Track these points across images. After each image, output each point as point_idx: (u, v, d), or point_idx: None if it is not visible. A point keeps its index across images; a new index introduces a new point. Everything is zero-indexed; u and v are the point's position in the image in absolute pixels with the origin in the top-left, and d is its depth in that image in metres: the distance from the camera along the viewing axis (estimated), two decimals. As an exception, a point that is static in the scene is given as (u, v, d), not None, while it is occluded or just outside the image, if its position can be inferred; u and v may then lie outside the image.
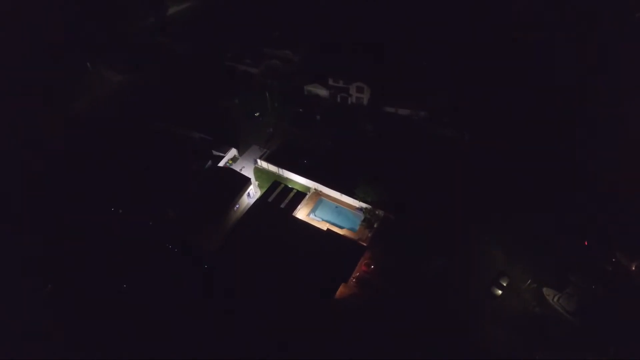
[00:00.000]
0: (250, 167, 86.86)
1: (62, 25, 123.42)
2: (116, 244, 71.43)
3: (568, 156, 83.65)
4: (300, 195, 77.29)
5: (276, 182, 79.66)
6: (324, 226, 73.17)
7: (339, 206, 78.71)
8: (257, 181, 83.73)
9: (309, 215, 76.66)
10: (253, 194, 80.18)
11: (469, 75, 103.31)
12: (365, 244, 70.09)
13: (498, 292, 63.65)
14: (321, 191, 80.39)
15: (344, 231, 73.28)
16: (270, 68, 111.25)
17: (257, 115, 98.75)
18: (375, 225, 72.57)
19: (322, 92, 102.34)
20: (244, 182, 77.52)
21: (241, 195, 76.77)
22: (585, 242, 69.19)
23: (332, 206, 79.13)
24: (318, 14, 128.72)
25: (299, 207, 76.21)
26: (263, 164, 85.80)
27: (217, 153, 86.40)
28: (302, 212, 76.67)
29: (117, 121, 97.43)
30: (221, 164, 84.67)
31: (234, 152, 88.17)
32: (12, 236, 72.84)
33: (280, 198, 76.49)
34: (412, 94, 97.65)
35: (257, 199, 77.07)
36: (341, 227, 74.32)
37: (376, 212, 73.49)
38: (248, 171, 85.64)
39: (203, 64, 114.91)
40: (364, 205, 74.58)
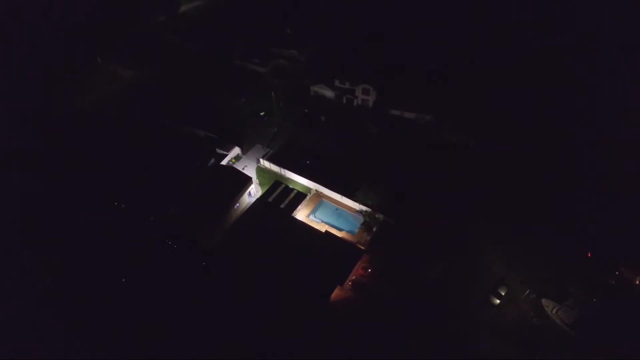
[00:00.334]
0: (253, 166, 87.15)
1: (73, 20, 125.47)
2: (117, 238, 72.26)
3: (572, 162, 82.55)
4: (300, 196, 77.23)
5: (277, 182, 79.76)
6: (323, 228, 73.04)
7: (339, 208, 78.44)
8: (258, 180, 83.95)
9: (308, 216, 76.57)
10: (254, 193, 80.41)
11: (474, 78, 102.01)
12: (363, 247, 69.70)
13: (496, 301, 62.68)
14: (322, 192, 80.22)
15: (342, 233, 72.97)
16: (277, 68, 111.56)
17: (263, 114, 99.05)
18: (375, 229, 72.13)
19: (328, 93, 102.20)
20: (245, 181, 77.81)
21: (242, 194, 77.09)
22: (589, 254, 67.71)
23: (332, 208, 78.90)
24: (326, 14, 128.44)
25: (299, 207, 76.17)
26: (265, 163, 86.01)
27: (220, 151, 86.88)
28: (302, 213, 76.63)
29: (125, 116, 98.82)
30: (224, 162, 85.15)
31: (237, 150, 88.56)
32: (14, 229, 74.36)
33: (281, 198, 76.55)
34: (419, 97, 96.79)
35: (257, 199, 77.23)
36: (340, 230, 74.04)
37: (376, 216, 73.04)
38: (251, 170, 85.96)
39: (211, 62, 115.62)
40: (364, 208, 74.27)
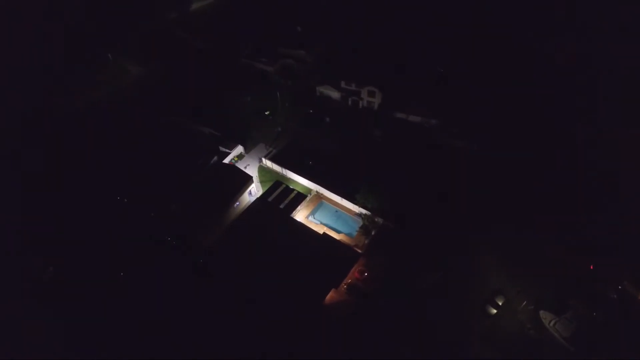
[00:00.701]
0: (255, 165, 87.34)
1: (85, 14, 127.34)
2: (118, 233, 73.01)
3: (575, 167, 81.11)
4: (300, 197, 77.09)
5: (278, 182, 79.77)
6: (322, 229, 72.79)
7: (339, 210, 78.13)
8: (260, 180, 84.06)
9: (307, 217, 76.44)
10: (255, 192, 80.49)
11: (479, 82, 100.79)
12: (360, 250, 69.29)
13: (492, 311, 61.72)
14: (322, 194, 79.97)
15: (341, 236, 72.63)
16: (284, 67, 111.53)
17: (267, 113, 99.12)
18: (373, 233, 71.63)
19: (334, 94, 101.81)
20: (245, 180, 77.96)
21: (242, 193, 77.28)
22: (591, 267, 66.19)
23: (332, 210, 78.62)
24: (335, 15, 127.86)
25: (299, 208, 76.06)
26: (267, 162, 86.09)
27: (223, 149, 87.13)
28: (302, 214, 76.50)
29: (132, 111, 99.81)
30: (226, 160, 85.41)
31: (240, 149, 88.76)
32: (15, 221, 75.75)
33: (281, 198, 76.53)
34: (425, 101, 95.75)
35: (257, 198, 77.31)
36: (339, 232, 73.74)
37: (375, 220, 72.54)
38: (253, 169, 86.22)
39: (220, 60, 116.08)
40: (363, 211, 73.79)
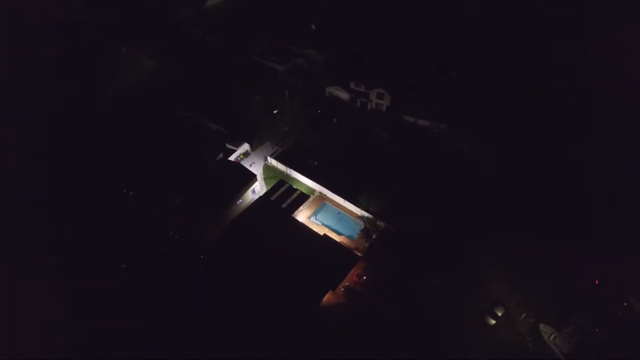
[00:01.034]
0: (260, 164, 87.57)
1: (102, 8, 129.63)
2: (122, 225, 74.08)
3: (584, 175, 79.38)
4: (303, 197, 76.98)
5: (281, 182, 79.76)
6: (322, 231, 72.59)
7: (341, 212, 77.77)
8: (264, 178, 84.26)
9: (309, 218, 76.28)
10: (258, 190, 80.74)
11: (490, 87, 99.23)
12: (360, 254, 68.86)
13: (491, 322, 60.64)
14: (325, 195, 79.73)
15: (342, 238, 72.32)
16: (295, 66, 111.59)
17: (276, 112, 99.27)
18: (374, 237, 71.09)
19: (343, 95, 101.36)
20: (249, 178, 78.31)
21: (245, 191, 77.61)
22: (596, 281, 64.49)
23: (334, 211, 78.30)
24: (348, 17, 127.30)
25: (301, 208, 76.00)
26: (273, 161, 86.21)
27: (230, 146, 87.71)
28: (303, 214, 76.40)
29: (142, 105, 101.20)
30: (232, 157, 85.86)
31: (246, 147, 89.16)
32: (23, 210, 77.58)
33: (283, 198, 76.50)
34: (435, 105, 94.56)
35: (260, 197, 77.49)
36: (340, 234, 73.43)
37: (377, 223, 72.03)
38: (258, 167, 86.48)
39: (231, 57, 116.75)
40: (365, 214, 73.30)
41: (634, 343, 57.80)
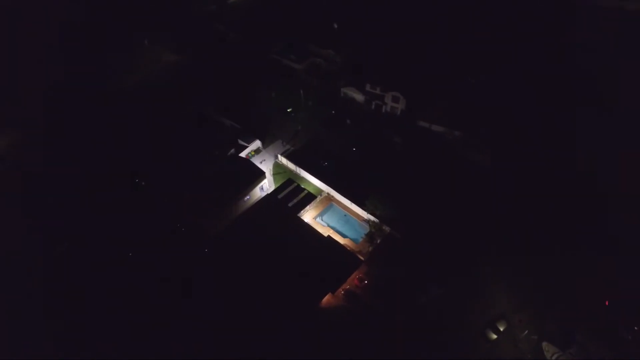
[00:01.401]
0: (271, 161, 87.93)
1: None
2: (131, 214, 75.65)
3: (595, 188, 76.98)
4: (310, 197, 76.88)
5: (290, 180, 79.89)
6: (327, 232, 72.34)
7: (347, 214, 77.33)
8: (273, 176, 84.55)
9: (315, 218, 76.16)
10: (266, 187, 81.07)
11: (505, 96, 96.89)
12: (363, 258, 68.28)
13: (493, 336, 59.15)
14: (333, 196, 79.42)
15: (346, 241, 71.93)
16: (312, 66, 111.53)
17: (290, 111, 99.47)
18: (378, 241, 70.42)
19: (358, 97, 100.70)
20: (258, 175, 78.67)
21: (253, 188, 78.03)
22: (607, 302, 62.07)
23: (341, 213, 77.92)
24: (369, 18, 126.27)
25: (307, 208, 75.94)
26: (283, 160, 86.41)
27: (242, 142, 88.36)
28: (309, 214, 76.31)
29: (161, 98, 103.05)
30: (243, 154, 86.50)
31: (258, 144, 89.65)
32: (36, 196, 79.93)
33: (290, 197, 76.62)
34: (451, 111, 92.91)
35: (267, 194, 77.81)
36: (344, 236, 73.05)
37: (382, 228, 71.33)
38: (268, 165, 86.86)
39: (250, 54, 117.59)
40: (371, 218, 72.73)
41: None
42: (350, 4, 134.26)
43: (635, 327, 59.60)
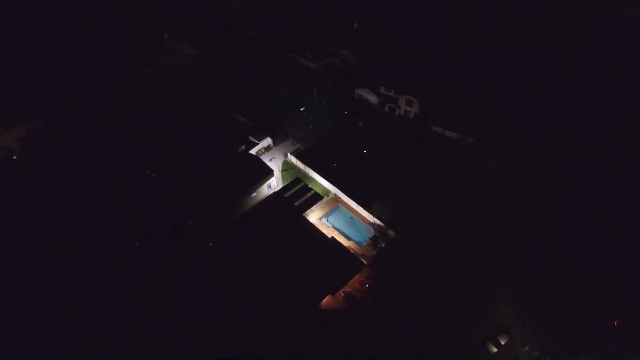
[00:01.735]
0: (280, 159, 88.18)
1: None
2: (139, 206, 77.02)
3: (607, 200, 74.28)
4: (317, 197, 76.75)
5: (297, 179, 79.97)
6: (331, 233, 72.10)
7: (353, 217, 76.90)
8: (282, 175, 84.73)
9: (320, 219, 76.00)
10: (274, 185, 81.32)
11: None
12: (365, 261, 67.77)
13: (493, 350, 57.82)
14: (340, 198, 79.09)
15: (350, 243, 71.51)
16: (328, 66, 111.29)
17: (303, 110, 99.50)
18: (382, 245, 69.75)
19: (372, 99, 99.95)
20: (266, 173, 79.04)
21: (261, 185, 78.41)
22: (615, 322, 59.87)
23: (347, 215, 77.55)
24: (390, 19, 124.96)
25: (313, 208, 75.86)
26: (292, 158, 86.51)
27: (252, 139, 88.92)
28: (315, 215, 76.20)
29: (177, 91, 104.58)
30: (253, 150, 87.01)
31: (269, 141, 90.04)
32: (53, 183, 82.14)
33: (297, 196, 76.70)
34: (466, 117, 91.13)
35: (274, 192, 78.06)
36: (349, 239, 72.64)
37: (387, 232, 70.68)
38: (277, 162, 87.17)
39: (267, 51, 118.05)
40: (377, 221, 72.13)
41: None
42: (373, 4, 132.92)
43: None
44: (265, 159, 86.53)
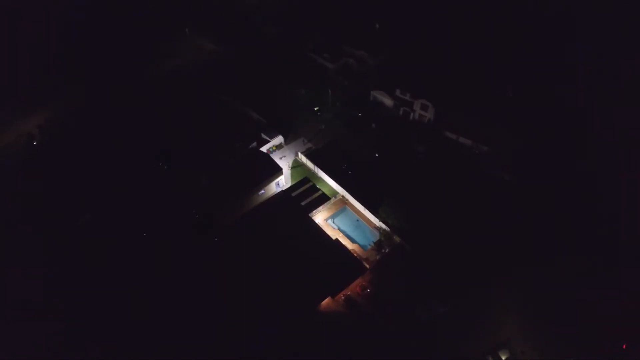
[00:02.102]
0: (291, 158, 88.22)
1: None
2: (150, 197, 78.32)
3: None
4: (324, 198, 76.57)
5: (305, 179, 79.94)
6: (336, 235, 71.78)
7: (360, 220, 76.37)
8: (291, 173, 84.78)
9: (326, 220, 75.75)
10: (282, 184, 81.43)
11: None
12: (368, 265, 67.24)
13: (493, 364, 56.66)
14: (347, 200, 78.64)
15: (354, 246, 71.08)
16: (345, 66, 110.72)
17: (317, 109, 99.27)
18: (386, 250, 69.08)
19: (387, 101, 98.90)
20: (275, 171, 79.26)
21: (269, 183, 78.64)
22: (624, 346, 57.68)
23: (353, 218, 77.10)
24: (407, 22, 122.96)
25: (320, 209, 75.73)
26: (302, 158, 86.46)
27: (264, 137, 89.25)
28: (321, 215, 76.01)
29: (194, 86, 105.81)
30: (264, 148, 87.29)
31: (280, 139, 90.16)
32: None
33: (304, 195, 76.76)
34: (482, 125, 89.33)
35: (282, 191, 78.17)
36: (353, 242, 72.19)
37: (393, 237, 69.97)
38: (287, 161, 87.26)
39: (284, 50, 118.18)
40: (383, 226, 71.49)
41: None
42: (395, 5, 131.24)
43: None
44: (276, 157, 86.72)
